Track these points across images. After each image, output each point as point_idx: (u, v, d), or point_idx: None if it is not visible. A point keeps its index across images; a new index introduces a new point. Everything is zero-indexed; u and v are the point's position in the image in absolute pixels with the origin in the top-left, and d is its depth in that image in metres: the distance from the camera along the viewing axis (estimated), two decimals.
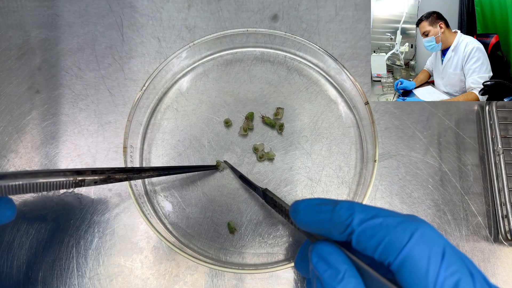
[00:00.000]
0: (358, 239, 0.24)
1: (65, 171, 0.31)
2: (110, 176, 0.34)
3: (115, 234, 0.44)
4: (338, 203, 0.26)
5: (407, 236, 0.22)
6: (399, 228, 0.23)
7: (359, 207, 0.25)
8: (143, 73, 0.51)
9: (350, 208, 0.25)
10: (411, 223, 0.23)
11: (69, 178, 0.31)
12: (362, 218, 0.24)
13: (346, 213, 0.25)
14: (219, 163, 0.46)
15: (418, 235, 0.22)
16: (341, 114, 0.49)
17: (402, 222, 0.23)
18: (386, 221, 0.23)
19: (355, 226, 0.24)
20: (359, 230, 0.24)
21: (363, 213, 0.24)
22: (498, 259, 0.44)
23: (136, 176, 0.37)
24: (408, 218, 0.24)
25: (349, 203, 0.25)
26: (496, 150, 0.46)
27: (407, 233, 0.22)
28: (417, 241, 0.22)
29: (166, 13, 0.55)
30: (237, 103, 0.49)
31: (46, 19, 0.54)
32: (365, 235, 0.23)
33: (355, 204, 0.25)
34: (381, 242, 0.23)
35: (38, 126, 0.49)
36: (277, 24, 0.54)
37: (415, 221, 0.23)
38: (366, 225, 0.24)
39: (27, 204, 0.45)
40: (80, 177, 0.31)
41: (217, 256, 0.43)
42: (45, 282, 0.43)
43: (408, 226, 0.23)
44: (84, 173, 0.32)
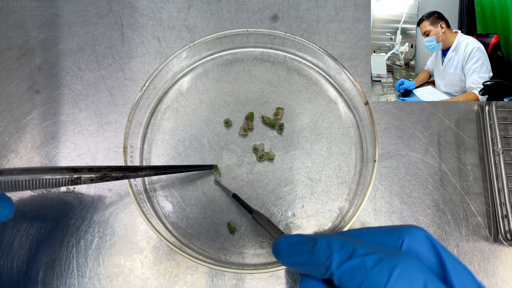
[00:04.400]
0: (340, 281, 0.24)
1: (61, 168, 0.31)
2: (107, 174, 0.34)
3: (115, 234, 0.44)
4: (317, 242, 0.26)
5: (385, 276, 0.22)
6: (377, 268, 0.23)
7: (336, 245, 0.25)
8: (143, 73, 0.51)
9: (328, 248, 0.25)
10: (389, 261, 0.23)
11: (65, 175, 0.31)
12: (340, 259, 0.24)
13: (325, 254, 0.25)
14: (216, 169, 0.46)
15: (396, 274, 0.22)
16: (341, 114, 0.49)
17: (380, 261, 0.23)
18: (363, 261, 0.23)
19: (334, 269, 0.24)
20: (339, 273, 0.24)
21: (340, 253, 0.24)
22: (498, 259, 0.44)
23: (133, 174, 0.37)
24: (386, 254, 0.23)
25: (326, 241, 0.25)
26: (496, 150, 0.46)
27: (385, 273, 0.22)
28: (396, 281, 0.22)
29: (166, 13, 0.55)
30: (237, 103, 0.49)
31: (46, 19, 0.54)
32: (345, 277, 0.24)
33: (332, 241, 0.25)
34: (361, 284, 0.23)
35: (38, 126, 0.49)
36: (277, 24, 0.54)
37: (394, 257, 0.23)
38: (344, 267, 0.24)
39: (27, 204, 0.46)
40: (76, 174, 0.32)
41: (217, 256, 0.43)
42: (45, 282, 0.43)
43: (386, 266, 0.23)
44: (81, 170, 0.32)
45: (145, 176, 0.39)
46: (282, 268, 0.40)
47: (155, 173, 0.39)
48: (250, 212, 0.42)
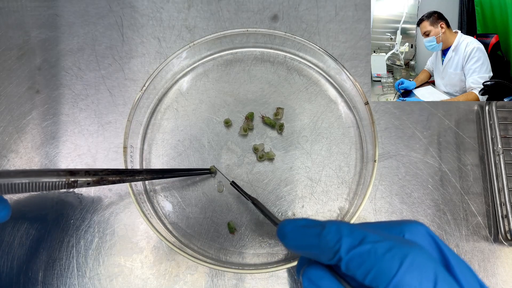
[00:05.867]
0: (347, 267, 0.23)
1: (58, 171, 0.31)
2: (103, 178, 0.34)
3: (115, 234, 0.44)
4: (325, 226, 0.25)
5: (397, 264, 0.22)
6: (388, 255, 0.22)
7: (346, 230, 0.24)
8: (143, 73, 0.51)
9: (337, 233, 0.24)
10: (400, 249, 0.22)
11: (62, 178, 0.31)
12: (350, 244, 0.23)
13: (334, 238, 0.24)
14: (213, 169, 0.46)
15: (408, 263, 0.22)
16: (341, 114, 0.49)
17: (391, 249, 0.22)
18: (375, 247, 0.23)
19: (343, 254, 0.23)
20: (347, 258, 0.23)
21: (350, 238, 0.24)
22: (498, 259, 0.44)
23: (130, 178, 0.37)
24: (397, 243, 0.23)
25: (335, 225, 0.25)
26: (496, 150, 0.46)
27: (396, 261, 0.22)
28: (407, 269, 0.21)
29: (166, 13, 0.55)
30: (237, 103, 0.49)
31: (46, 19, 0.54)
32: (353, 263, 0.23)
33: (342, 226, 0.25)
34: (371, 270, 0.22)
35: (38, 126, 0.49)
36: (277, 24, 0.54)
37: (405, 246, 0.23)
38: (354, 252, 0.23)
39: (27, 204, 0.46)
40: (73, 177, 0.32)
41: (217, 256, 0.43)
42: (45, 282, 0.43)
43: (397, 253, 0.22)
44: (78, 173, 0.32)
45: (142, 180, 0.39)
46: (282, 268, 0.40)
47: (152, 177, 0.39)
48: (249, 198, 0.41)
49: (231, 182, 0.43)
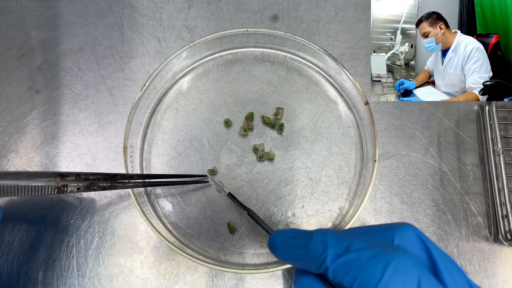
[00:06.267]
0: (334, 275, 0.24)
1: (48, 173, 0.31)
2: (94, 183, 0.34)
3: (115, 234, 0.44)
4: (312, 236, 0.26)
5: (380, 271, 0.22)
6: (372, 263, 0.23)
7: (331, 239, 0.25)
8: (143, 73, 0.51)
9: (323, 243, 0.25)
10: (384, 256, 0.23)
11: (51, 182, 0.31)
12: (335, 253, 0.24)
13: (319, 248, 0.25)
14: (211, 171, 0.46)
15: (391, 269, 0.22)
16: (341, 114, 0.49)
17: (375, 256, 0.23)
18: (359, 256, 0.23)
19: (329, 264, 0.24)
20: (333, 268, 0.24)
21: (335, 248, 0.24)
22: (498, 259, 0.44)
23: (120, 185, 0.37)
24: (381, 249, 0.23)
25: (321, 235, 0.25)
26: (496, 150, 0.46)
27: (380, 268, 0.22)
28: (391, 276, 0.22)
29: (166, 13, 0.55)
30: (237, 103, 0.49)
31: (46, 19, 0.54)
32: (339, 271, 0.24)
33: (327, 236, 0.25)
34: (356, 278, 0.23)
35: (38, 126, 0.49)
36: (277, 24, 0.54)
37: (389, 252, 0.23)
38: (339, 262, 0.24)
39: (28, 204, 0.46)
40: (62, 181, 0.31)
41: (217, 256, 0.43)
42: (45, 282, 0.43)
43: (381, 260, 0.23)
44: (68, 176, 0.32)
45: (133, 187, 0.39)
46: (282, 268, 0.40)
47: (144, 184, 0.39)
48: (245, 209, 0.42)
49: (227, 193, 0.44)
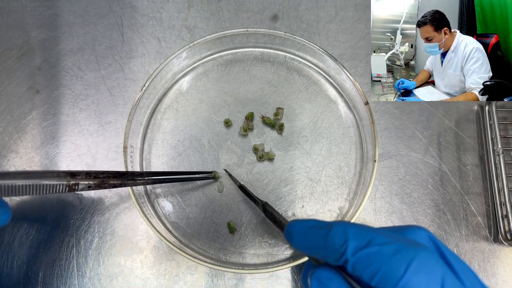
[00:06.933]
0: (354, 268, 0.23)
1: (59, 172, 0.31)
2: (104, 181, 0.34)
3: (115, 234, 0.44)
4: (332, 227, 0.25)
5: (403, 267, 0.22)
6: (395, 258, 0.22)
7: (353, 231, 0.24)
8: (143, 73, 0.51)
9: (344, 234, 0.24)
10: (408, 252, 0.22)
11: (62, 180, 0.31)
12: (356, 246, 0.23)
13: (340, 240, 0.24)
14: (215, 174, 0.46)
15: (415, 266, 0.22)
16: (341, 114, 0.49)
17: (398, 251, 0.22)
18: (381, 250, 0.23)
19: (350, 256, 0.23)
20: (354, 260, 0.23)
21: (357, 240, 0.24)
22: (498, 259, 0.44)
23: (131, 182, 0.37)
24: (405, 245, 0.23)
25: (342, 227, 0.25)
26: (496, 150, 0.46)
27: (403, 263, 0.22)
28: (414, 272, 0.21)
29: (166, 13, 0.55)
30: (237, 103, 0.49)
31: (46, 19, 0.54)
32: (360, 264, 0.23)
33: (348, 228, 0.25)
34: (377, 272, 0.22)
35: (38, 126, 0.49)
36: (277, 24, 0.54)
37: (413, 248, 0.23)
38: (360, 254, 0.23)
39: (27, 204, 0.46)
40: (73, 180, 0.31)
41: (217, 256, 0.43)
42: (45, 282, 0.43)
43: (405, 256, 0.22)
44: (78, 175, 0.32)
45: (142, 185, 0.39)
46: (282, 268, 0.40)
47: (153, 182, 0.40)
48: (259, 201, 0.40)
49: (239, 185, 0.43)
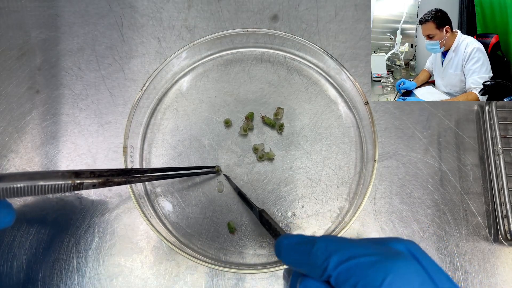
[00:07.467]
0: (337, 282, 0.24)
1: (63, 172, 0.31)
2: (109, 179, 0.34)
3: (115, 234, 0.44)
4: (315, 243, 0.26)
5: (380, 279, 0.22)
6: (372, 269, 0.23)
7: (335, 246, 0.25)
8: (143, 73, 0.51)
9: (326, 250, 0.25)
10: (386, 263, 0.23)
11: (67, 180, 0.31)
12: (337, 260, 0.24)
13: (322, 256, 0.25)
14: (218, 168, 0.46)
15: (391, 277, 0.22)
16: (341, 114, 0.49)
17: (376, 263, 0.23)
18: (360, 262, 0.23)
19: (331, 271, 0.24)
20: (335, 274, 0.24)
21: (338, 255, 0.24)
22: (498, 259, 0.44)
23: (135, 179, 0.37)
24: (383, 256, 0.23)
25: (325, 242, 0.26)
26: (496, 150, 0.46)
27: (380, 275, 0.22)
28: (391, 282, 0.22)
29: (166, 13, 0.55)
30: (237, 103, 0.49)
31: (47, 19, 0.54)
32: (341, 278, 0.24)
33: (331, 243, 0.25)
34: (356, 285, 0.23)
35: (38, 126, 0.49)
36: (277, 24, 0.54)
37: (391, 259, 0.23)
38: (341, 268, 0.24)
39: (27, 204, 0.45)
40: (78, 179, 0.31)
41: (217, 256, 0.43)
42: (45, 282, 0.43)
43: (382, 267, 0.23)
44: (82, 174, 0.32)
45: (147, 181, 0.39)
46: (282, 268, 0.40)
47: (158, 178, 0.39)
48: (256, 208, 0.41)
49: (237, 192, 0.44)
